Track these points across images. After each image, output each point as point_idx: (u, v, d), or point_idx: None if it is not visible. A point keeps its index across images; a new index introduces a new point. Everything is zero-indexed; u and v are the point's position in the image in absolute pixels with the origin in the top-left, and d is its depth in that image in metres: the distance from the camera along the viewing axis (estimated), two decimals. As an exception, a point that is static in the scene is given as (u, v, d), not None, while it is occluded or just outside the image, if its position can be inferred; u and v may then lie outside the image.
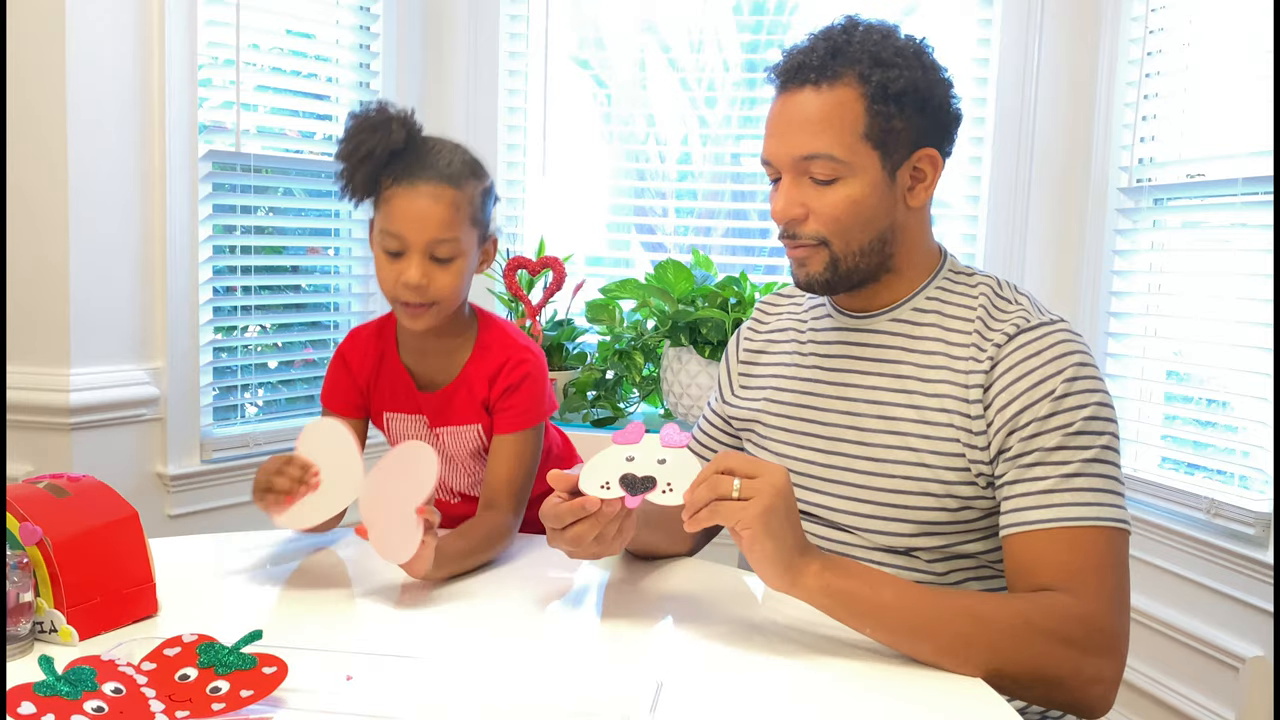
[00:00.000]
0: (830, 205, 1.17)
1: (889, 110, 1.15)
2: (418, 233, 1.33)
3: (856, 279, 1.22)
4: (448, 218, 1.34)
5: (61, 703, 0.83)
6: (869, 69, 1.15)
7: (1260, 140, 1.89)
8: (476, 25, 2.58)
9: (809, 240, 1.19)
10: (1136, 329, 2.26)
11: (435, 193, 1.33)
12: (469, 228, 1.37)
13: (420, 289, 1.35)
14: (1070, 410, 1.10)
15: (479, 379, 1.45)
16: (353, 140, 1.35)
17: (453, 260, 1.36)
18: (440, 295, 1.37)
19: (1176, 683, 2.02)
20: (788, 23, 2.64)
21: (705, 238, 2.72)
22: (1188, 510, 2.00)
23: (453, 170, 1.36)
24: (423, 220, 1.33)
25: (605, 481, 1.07)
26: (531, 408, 1.45)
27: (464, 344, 1.47)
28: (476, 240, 1.40)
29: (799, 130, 1.17)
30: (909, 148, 1.18)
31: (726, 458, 1.04)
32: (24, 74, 1.94)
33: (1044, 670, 1.04)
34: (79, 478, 1.10)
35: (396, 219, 1.34)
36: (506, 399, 1.44)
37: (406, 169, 1.34)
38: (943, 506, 1.17)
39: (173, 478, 2.15)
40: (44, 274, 1.98)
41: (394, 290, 1.37)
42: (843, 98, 1.16)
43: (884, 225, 1.19)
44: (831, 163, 1.16)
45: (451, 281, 1.37)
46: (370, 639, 1.09)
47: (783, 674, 1.03)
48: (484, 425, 1.47)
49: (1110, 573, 1.08)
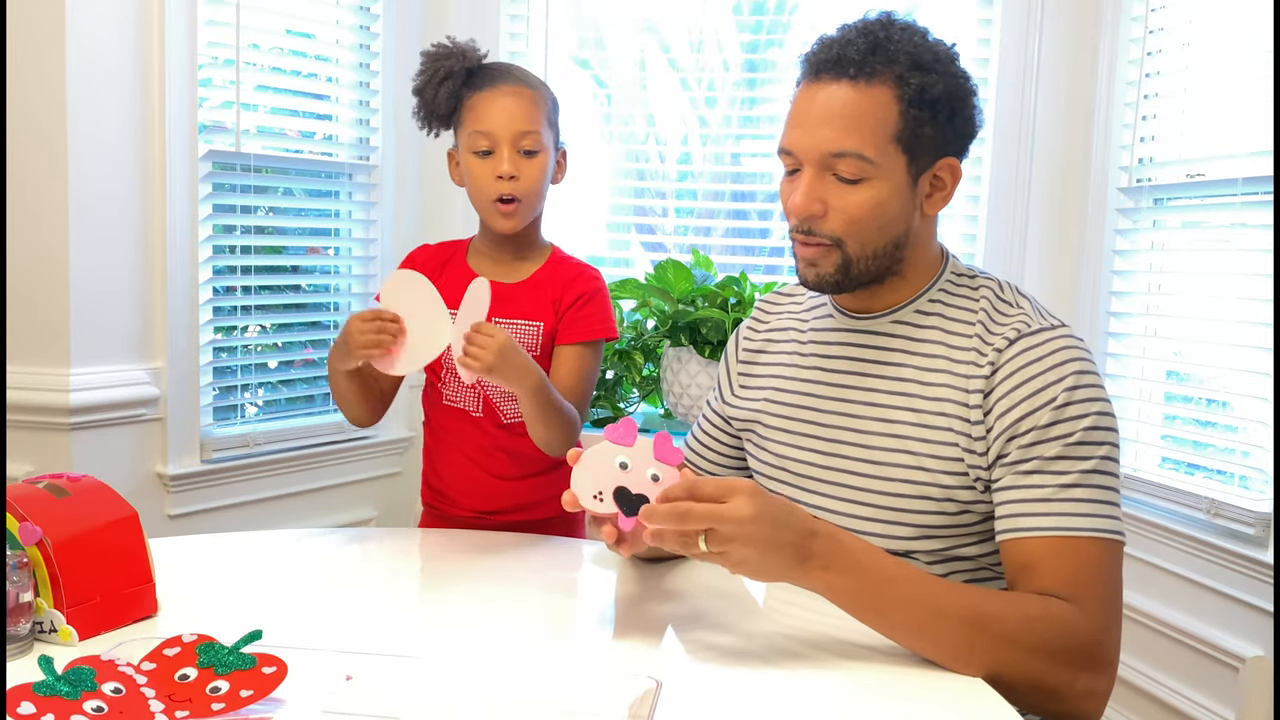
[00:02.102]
0: (853, 205, 1.14)
1: (922, 115, 1.13)
2: (505, 126, 1.48)
3: (866, 281, 1.20)
4: (531, 112, 1.50)
5: (61, 703, 0.83)
6: (907, 71, 1.13)
7: (1260, 140, 1.89)
8: (476, 25, 2.57)
9: (824, 239, 1.16)
10: (1136, 329, 2.26)
11: (516, 91, 1.50)
12: (546, 127, 1.52)
13: (513, 180, 1.48)
14: (1071, 420, 1.10)
15: (552, 281, 1.56)
16: (430, 68, 1.52)
17: (537, 154, 1.50)
18: (529, 188, 1.50)
19: (1176, 683, 2.02)
20: (788, 23, 2.64)
21: (705, 238, 2.71)
22: (1188, 510, 2.00)
23: (527, 76, 1.54)
24: (510, 115, 1.48)
25: (599, 492, 1.05)
26: (602, 320, 1.56)
27: (538, 257, 1.59)
28: (553, 144, 1.54)
29: (831, 125, 1.13)
30: (934, 155, 1.16)
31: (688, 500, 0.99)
32: (24, 74, 1.94)
33: (1042, 681, 1.04)
34: (79, 478, 1.10)
35: (484, 118, 1.49)
36: (579, 308, 1.54)
37: (487, 78, 1.51)
38: (942, 510, 1.16)
39: (173, 478, 2.15)
40: (44, 274, 1.98)
41: (488, 186, 1.50)
42: (880, 97, 1.13)
43: (900, 230, 1.17)
44: (860, 162, 1.13)
45: (538, 175, 1.51)
46: (370, 639, 1.09)
47: (782, 674, 1.02)
48: (546, 327, 1.54)
49: (1107, 585, 1.08)
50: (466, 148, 1.51)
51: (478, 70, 1.52)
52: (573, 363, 1.53)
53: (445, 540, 1.50)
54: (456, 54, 1.51)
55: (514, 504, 1.58)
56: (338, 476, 2.48)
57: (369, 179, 2.53)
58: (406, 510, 2.55)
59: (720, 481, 1.01)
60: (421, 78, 1.52)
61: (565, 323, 1.54)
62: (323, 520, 2.43)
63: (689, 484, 1.01)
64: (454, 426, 1.59)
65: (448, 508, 1.62)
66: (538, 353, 1.54)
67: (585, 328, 1.54)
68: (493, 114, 1.48)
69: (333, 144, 2.52)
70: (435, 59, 1.52)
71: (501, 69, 1.53)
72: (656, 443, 1.08)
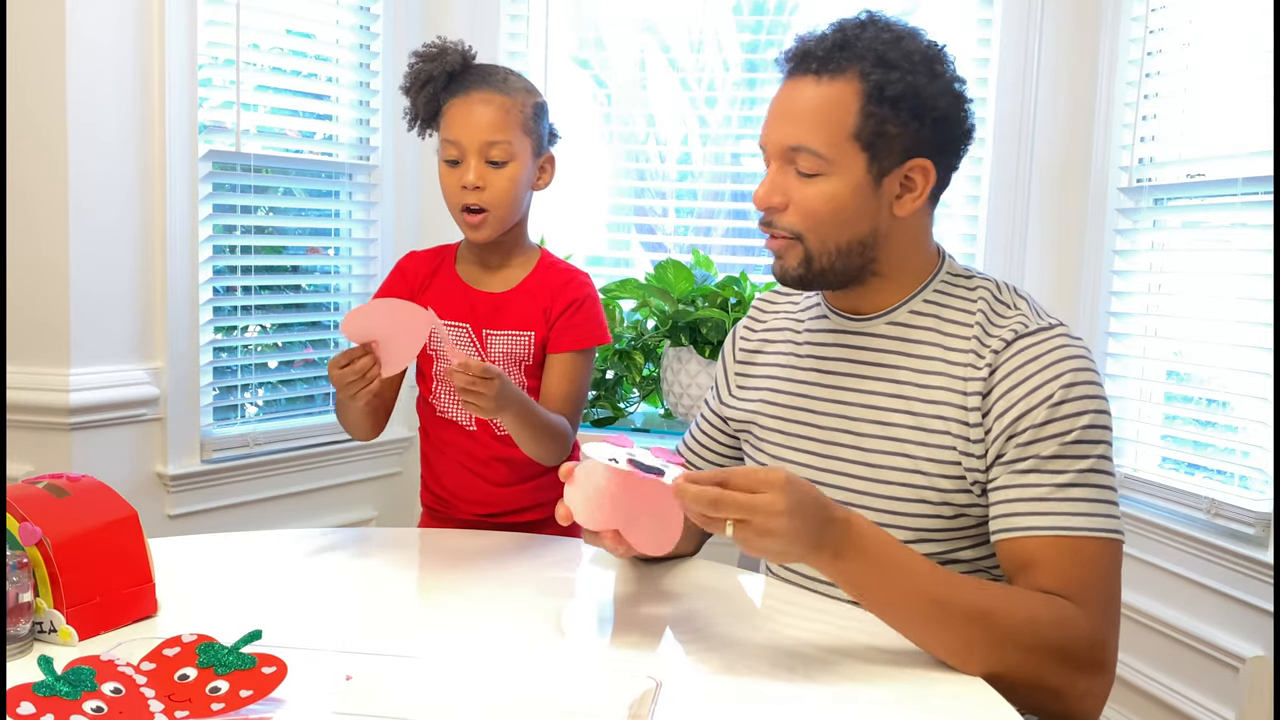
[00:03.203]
0: (809, 200, 1.15)
1: (883, 113, 1.13)
2: (471, 136, 1.45)
3: (834, 279, 1.19)
4: (498, 120, 1.45)
5: (61, 703, 0.83)
6: (871, 68, 1.13)
7: (1260, 140, 1.89)
8: (476, 25, 2.57)
9: (784, 232, 1.18)
10: (1136, 329, 2.26)
11: (485, 98, 1.46)
12: (521, 135, 1.47)
13: (476, 190, 1.45)
14: (1068, 418, 1.09)
15: (541, 289, 1.53)
16: (414, 70, 1.50)
17: (506, 164, 1.46)
18: (496, 199, 1.46)
19: (1176, 683, 2.02)
20: (788, 23, 2.64)
21: (705, 238, 2.71)
22: (1188, 510, 2.00)
23: (503, 81, 1.48)
24: (475, 123, 1.45)
25: (613, 457, 1.04)
26: (594, 327, 1.53)
27: (525, 263, 1.56)
28: (531, 151, 1.49)
29: (792, 120, 1.16)
30: (901, 155, 1.15)
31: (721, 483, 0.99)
32: (24, 74, 1.94)
33: (1043, 681, 1.04)
34: (79, 478, 1.10)
35: (452, 126, 1.46)
36: (570, 316, 1.51)
37: (461, 84, 1.48)
38: (938, 514, 1.16)
39: (173, 478, 2.15)
40: (44, 274, 1.98)
41: (454, 196, 1.47)
42: (841, 94, 1.13)
43: (864, 229, 1.16)
44: (814, 158, 1.14)
45: (506, 186, 1.46)
46: (370, 639, 1.09)
47: (782, 674, 1.02)
48: (537, 336, 1.52)
49: (1107, 586, 1.08)
50: (440, 155, 1.50)
51: (459, 74, 1.49)
52: (565, 371, 1.51)
53: (445, 541, 1.50)
54: (440, 57, 1.49)
55: (513, 507, 1.59)
56: (338, 476, 2.48)
57: (369, 179, 2.53)
58: (406, 510, 2.55)
59: (751, 472, 0.99)
60: (406, 79, 1.52)
61: (557, 331, 1.52)
62: (323, 520, 2.43)
63: (720, 474, 1.00)
64: (450, 438, 1.58)
65: (448, 510, 1.62)
66: (530, 362, 1.53)
67: (577, 336, 1.52)
68: (461, 122, 1.46)
69: (333, 144, 2.52)
70: (420, 61, 1.50)
71: (480, 74, 1.49)
72: (653, 450, 1.09)
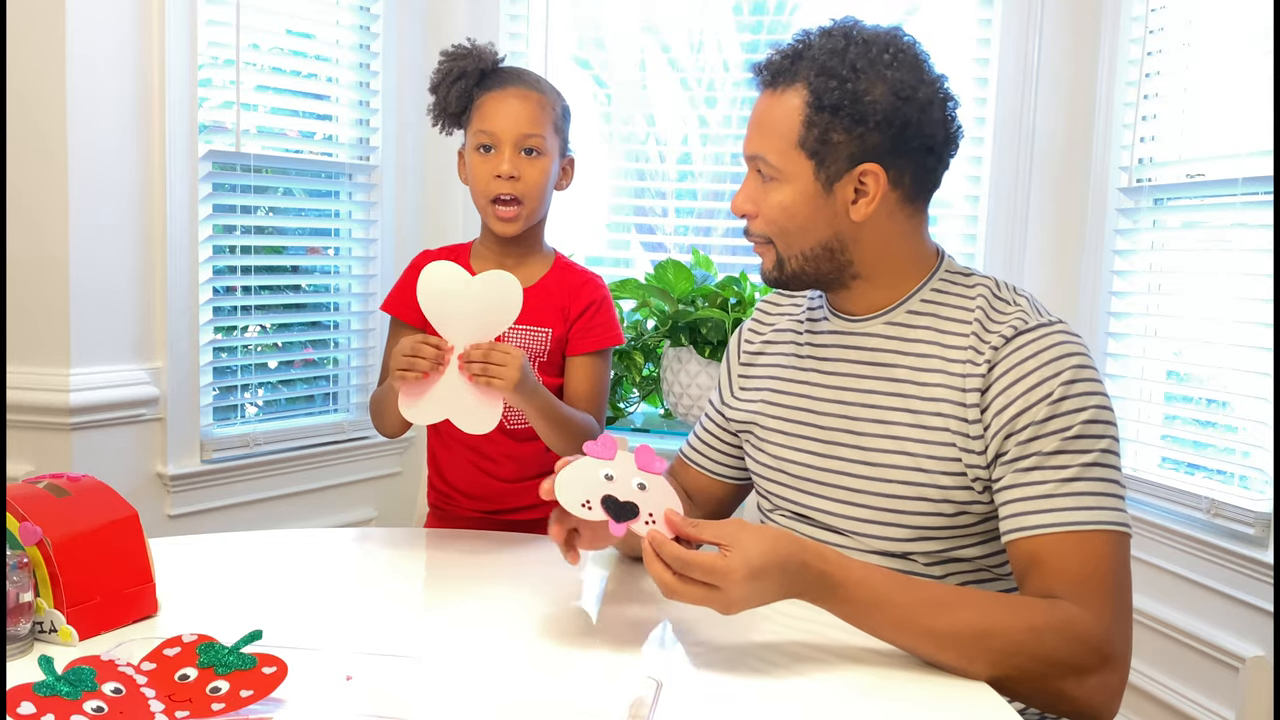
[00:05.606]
0: (769, 207, 1.20)
1: (824, 121, 1.15)
2: (509, 127, 1.50)
3: (808, 280, 1.23)
4: (536, 115, 1.52)
5: (61, 703, 0.83)
6: (815, 78, 1.15)
7: (1260, 140, 1.89)
8: (476, 25, 2.57)
9: (758, 237, 1.23)
10: (1136, 329, 2.26)
11: (523, 94, 1.52)
12: (552, 133, 1.54)
13: (511, 180, 1.49)
14: (1068, 414, 1.10)
15: (559, 288, 1.57)
16: (445, 67, 1.55)
17: (540, 156, 1.52)
18: (529, 189, 1.51)
19: (1176, 683, 2.02)
20: (788, 23, 2.64)
21: (705, 238, 2.71)
22: (1188, 510, 2.00)
23: (536, 81, 1.57)
24: (514, 116, 1.51)
25: (587, 500, 1.05)
26: (612, 328, 1.58)
27: (542, 262, 1.60)
28: (558, 150, 1.56)
29: (755, 130, 1.21)
30: (848, 161, 1.16)
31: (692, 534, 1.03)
32: (24, 74, 1.94)
33: (1050, 686, 1.04)
34: (79, 478, 1.10)
35: (488, 117, 1.52)
36: (589, 318, 1.56)
37: (497, 80, 1.54)
38: (939, 512, 1.16)
39: (173, 478, 2.15)
40: (44, 274, 1.98)
41: (486, 185, 1.51)
42: (789, 104, 1.17)
43: (825, 235, 1.19)
44: (770, 167, 1.19)
45: (538, 177, 1.52)
46: (370, 639, 1.09)
47: (782, 674, 1.03)
48: (554, 334, 1.55)
49: (1114, 579, 1.08)
50: (471, 144, 1.54)
51: (491, 72, 1.55)
52: (587, 372, 1.56)
53: (445, 540, 1.50)
54: (473, 55, 1.55)
55: (520, 504, 1.59)
56: (338, 476, 2.48)
57: (369, 179, 2.53)
58: (406, 510, 2.55)
59: (720, 528, 1.02)
60: (436, 75, 1.56)
61: (576, 332, 1.56)
62: (323, 520, 2.43)
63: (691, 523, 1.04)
64: (459, 434, 1.58)
65: (453, 508, 1.62)
66: (545, 359, 1.55)
67: (597, 337, 1.56)
68: (498, 113, 1.51)
69: (333, 144, 2.52)
70: (452, 58, 1.55)
71: (514, 73, 1.57)
72: (638, 455, 1.10)
